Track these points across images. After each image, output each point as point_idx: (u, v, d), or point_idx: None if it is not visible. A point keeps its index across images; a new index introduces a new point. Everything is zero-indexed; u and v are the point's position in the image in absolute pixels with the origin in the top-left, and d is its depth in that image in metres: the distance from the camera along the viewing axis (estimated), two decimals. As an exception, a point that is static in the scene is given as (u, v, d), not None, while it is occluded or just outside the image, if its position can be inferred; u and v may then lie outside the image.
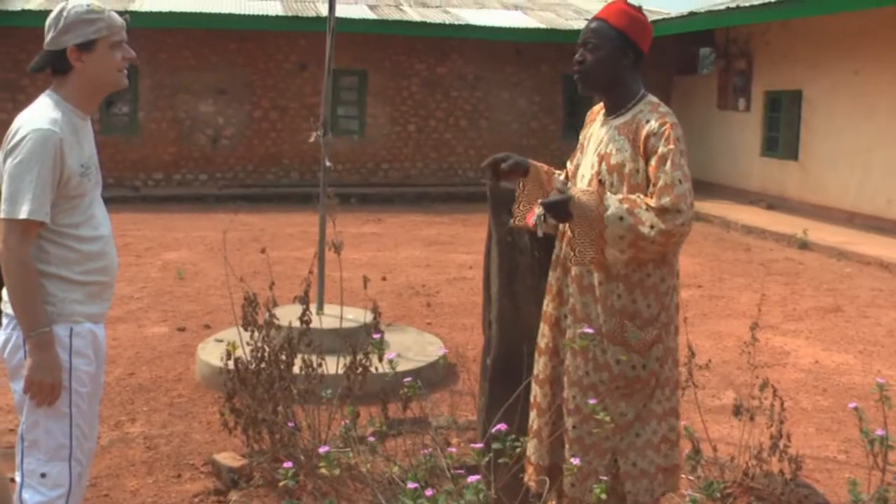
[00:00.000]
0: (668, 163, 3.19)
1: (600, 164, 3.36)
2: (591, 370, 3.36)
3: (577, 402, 3.38)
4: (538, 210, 3.28)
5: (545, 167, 3.75)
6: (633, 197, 3.20)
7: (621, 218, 3.14)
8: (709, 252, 12.73)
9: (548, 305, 3.54)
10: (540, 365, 3.55)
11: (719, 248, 13.16)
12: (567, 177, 3.74)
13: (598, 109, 3.60)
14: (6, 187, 2.95)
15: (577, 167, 3.58)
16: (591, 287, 3.34)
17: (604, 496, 2.69)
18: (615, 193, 3.27)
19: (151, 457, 5.04)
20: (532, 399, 3.61)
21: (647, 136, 3.25)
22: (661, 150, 3.21)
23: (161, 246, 12.33)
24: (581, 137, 3.68)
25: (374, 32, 19.04)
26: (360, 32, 18.59)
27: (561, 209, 3.21)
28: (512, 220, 3.68)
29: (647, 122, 3.29)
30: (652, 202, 3.16)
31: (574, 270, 3.38)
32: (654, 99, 3.42)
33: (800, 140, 16.75)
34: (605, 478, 3.18)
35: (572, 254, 3.29)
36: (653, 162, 3.22)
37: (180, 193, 18.00)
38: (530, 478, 3.48)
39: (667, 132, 3.22)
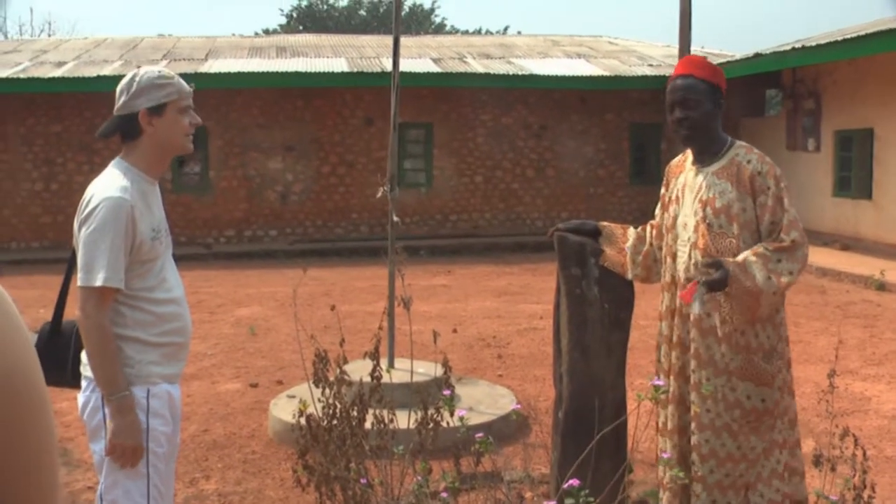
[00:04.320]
0: (786, 201, 3.41)
1: (704, 210, 3.51)
2: (723, 410, 3.45)
3: (712, 446, 3.47)
4: (700, 288, 3.36)
5: (618, 228, 3.89)
6: (761, 251, 3.36)
7: (769, 278, 3.31)
8: (783, 296, 12.48)
9: (668, 355, 3.64)
10: (667, 415, 3.65)
11: (793, 291, 12.85)
12: (654, 232, 3.81)
13: (679, 162, 3.76)
14: (81, 256, 3.03)
15: (674, 217, 3.68)
16: (712, 329, 3.46)
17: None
18: (725, 233, 3.46)
19: (227, 514, 5.06)
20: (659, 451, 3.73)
21: (753, 176, 3.44)
22: (772, 189, 3.41)
23: (233, 302, 12.49)
24: (666, 191, 3.82)
25: (439, 85, 19.24)
26: (425, 86, 18.80)
27: (722, 283, 3.34)
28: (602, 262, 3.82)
29: (749, 162, 3.48)
30: (784, 241, 3.35)
31: (693, 316, 3.49)
32: (743, 143, 3.64)
33: (873, 179, 16.45)
34: None
35: (729, 321, 3.42)
36: (767, 201, 3.41)
37: (251, 250, 18.26)
38: None
39: (771, 171, 3.45)
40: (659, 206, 3.87)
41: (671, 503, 3.64)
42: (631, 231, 3.91)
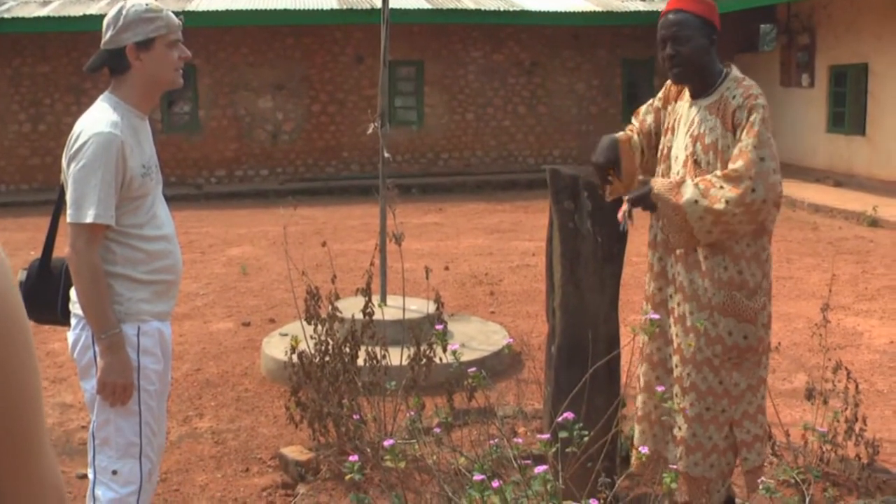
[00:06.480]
0: (745, 132, 3.32)
1: (694, 145, 3.49)
2: (704, 345, 3.45)
3: (693, 380, 3.49)
4: (624, 206, 3.41)
5: (625, 138, 3.74)
6: (709, 176, 3.33)
7: (696, 201, 3.27)
8: (775, 232, 12.36)
9: (649, 286, 3.68)
10: (648, 346, 3.68)
11: (786, 228, 12.91)
12: (638, 135, 3.76)
13: (680, 86, 3.71)
14: (71, 192, 2.98)
15: (668, 148, 3.66)
16: (697, 263, 3.46)
17: (674, 485, 2.69)
18: (712, 171, 3.40)
19: (220, 451, 5.08)
20: (640, 382, 3.77)
21: (734, 111, 3.40)
22: (744, 121, 3.35)
23: (224, 242, 12.46)
24: (662, 107, 3.78)
25: (430, 22, 19.03)
26: (415, 22, 18.60)
27: (646, 200, 3.38)
28: (606, 194, 3.70)
29: (734, 97, 3.43)
30: (727, 169, 3.29)
31: (678, 249, 3.50)
32: (738, 73, 3.57)
33: (867, 114, 16.36)
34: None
35: (668, 239, 3.46)
36: (739, 135, 3.36)
37: (242, 189, 18.17)
38: (635, 465, 3.55)
39: (749, 104, 3.37)
40: (649, 110, 3.81)
41: (641, 434, 3.70)
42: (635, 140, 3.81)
